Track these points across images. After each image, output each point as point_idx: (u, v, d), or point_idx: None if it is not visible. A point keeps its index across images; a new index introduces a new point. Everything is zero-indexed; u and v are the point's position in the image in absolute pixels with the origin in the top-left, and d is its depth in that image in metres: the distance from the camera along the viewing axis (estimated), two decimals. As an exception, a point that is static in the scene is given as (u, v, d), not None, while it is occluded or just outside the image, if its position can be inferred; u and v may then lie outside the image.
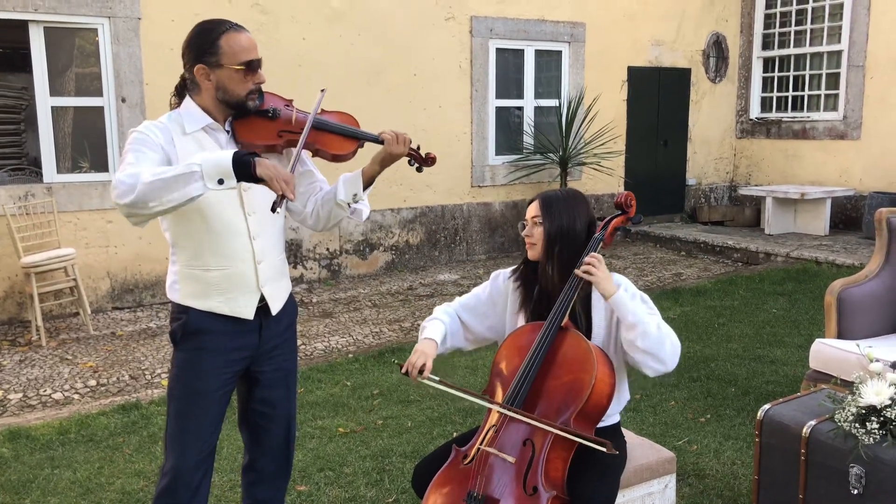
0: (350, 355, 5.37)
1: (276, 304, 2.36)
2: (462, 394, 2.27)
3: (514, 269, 2.54)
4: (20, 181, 7.28)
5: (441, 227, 8.75)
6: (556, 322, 2.26)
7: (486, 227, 9.05)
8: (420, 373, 2.30)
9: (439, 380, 2.29)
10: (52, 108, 6.67)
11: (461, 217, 8.87)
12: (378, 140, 2.31)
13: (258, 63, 2.21)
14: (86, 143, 7.05)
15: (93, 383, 5.05)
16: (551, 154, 9.06)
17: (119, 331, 6.30)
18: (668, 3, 10.07)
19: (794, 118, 10.31)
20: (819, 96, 10.07)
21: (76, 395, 4.86)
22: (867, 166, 9.42)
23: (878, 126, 9.30)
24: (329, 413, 4.28)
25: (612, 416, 2.43)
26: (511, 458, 2.12)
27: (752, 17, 10.71)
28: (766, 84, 10.77)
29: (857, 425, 2.41)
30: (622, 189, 9.90)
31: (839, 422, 2.46)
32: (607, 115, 9.59)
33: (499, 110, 9.05)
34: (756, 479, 2.78)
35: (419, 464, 2.39)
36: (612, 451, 2.03)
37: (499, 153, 9.11)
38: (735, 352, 5.21)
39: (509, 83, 9.12)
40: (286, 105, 2.32)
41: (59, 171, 6.75)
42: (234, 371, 2.33)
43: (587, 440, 2.07)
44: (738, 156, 11.05)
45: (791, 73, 10.42)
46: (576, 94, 9.30)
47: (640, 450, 2.60)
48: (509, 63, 9.08)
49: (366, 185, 2.34)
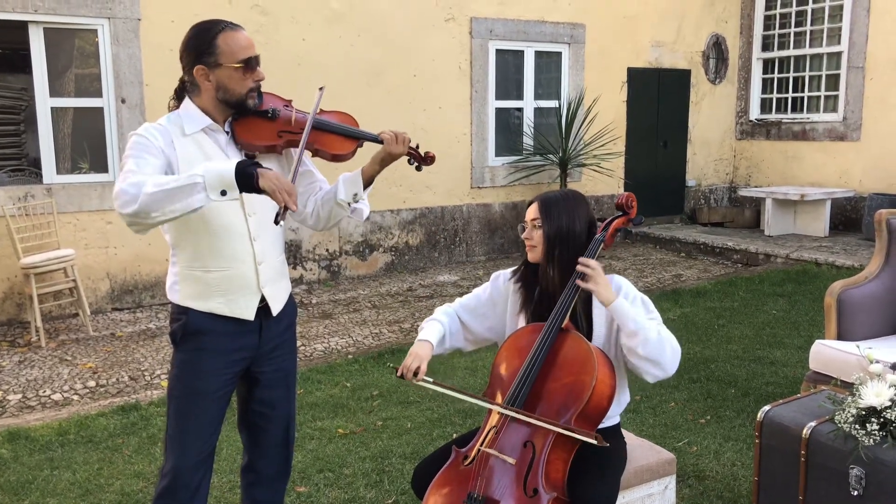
0: (350, 356, 5.36)
1: (276, 305, 2.36)
2: (457, 394, 2.27)
3: (514, 271, 2.54)
4: (20, 182, 7.28)
5: (441, 229, 8.75)
6: (556, 323, 2.25)
7: (485, 228, 9.05)
8: (415, 375, 2.30)
9: (433, 381, 2.29)
10: (52, 108, 6.67)
11: (461, 218, 8.87)
12: (377, 140, 2.30)
13: (256, 60, 2.21)
14: (85, 144, 7.05)
15: (92, 384, 5.04)
16: (551, 155, 9.06)
17: (118, 332, 6.29)
18: (667, 5, 10.07)
19: (793, 119, 10.31)
20: (819, 98, 10.07)
21: (75, 396, 4.86)
22: (867, 168, 9.41)
23: (877, 127, 9.30)
24: (328, 414, 4.28)
25: (612, 418, 2.43)
26: (511, 460, 2.12)
27: (751, 18, 10.72)
28: (766, 85, 10.77)
29: (857, 426, 2.41)
30: (622, 190, 9.90)
31: (839, 423, 2.46)
32: (607, 116, 9.59)
33: (498, 111, 9.05)
34: (756, 481, 2.78)
35: (419, 465, 2.38)
36: (603, 443, 2.05)
37: (498, 154, 9.11)
38: (735, 353, 5.21)
39: (509, 84, 9.11)
40: (285, 105, 2.32)
41: (58, 172, 6.75)
42: (235, 372, 2.34)
43: (587, 437, 2.08)
44: (738, 157, 11.05)
45: (791, 75, 10.43)
46: (576, 96, 9.30)
47: (640, 451, 2.59)
48: (509, 64, 9.08)
49: (366, 185, 2.34)
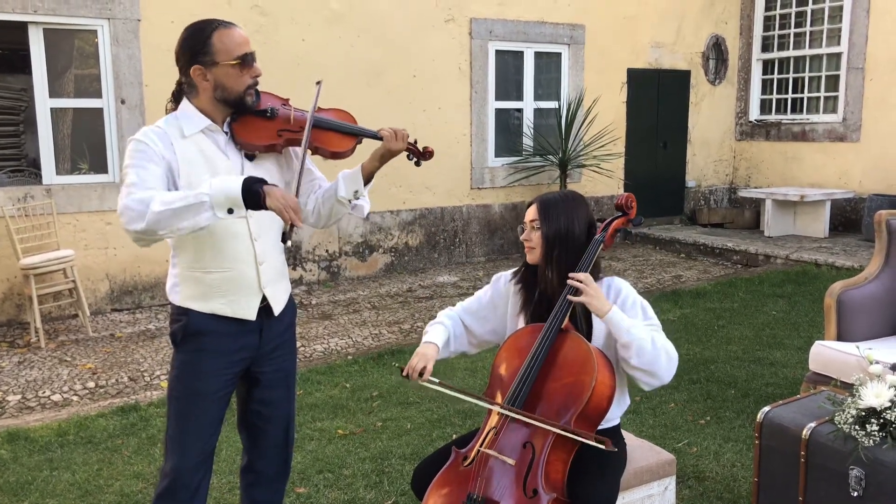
0: (349, 357, 5.36)
1: (277, 306, 2.36)
2: (462, 395, 2.27)
3: (514, 272, 2.54)
4: (19, 183, 7.28)
5: (440, 229, 8.75)
6: (556, 324, 2.25)
7: (485, 228, 9.04)
8: (420, 375, 2.30)
9: (439, 382, 2.29)
10: (52, 109, 6.67)
11: (460, 219, 8.86)
12: (376, 136, 2.31)
13: (252, 56, 2.21)
14: (85, 145, 7.05)
15: (92, 385, 5.04)
16: (551, 156, 9.06)
17: (118, 332, 6.29)
18: (667, 6, 10.07)
19: (793, 120, 10.32)
20: (818, 98, 10.07)
21: (75, 397, 4.85)
22: (867, 168, 9.41)
23: (877, 128, 9.30)
24: (328, 415, 4.28)
25: (612, 420, 2.42)
26: (511, 461, 2.11)
27: (751, 19, 10.72)
28: (766, 86, 10.78)
29: (856, 427, 2.41)
30: (622, 191, 9.90)
31: (839, 424, 2.46)
32: (607, 117, 9.59)
33: (498, 112, 9.05)
34: (756, 482, 2.78)
35: (418, 466, 2.38)
36: (612, 448, 2.04)
37: (498, 155, 9.11)
38: (735, 354, 5.20)
39: (509, 85, 9.12)
40: (283, 104, 2.32)
41: (58, 173, 6.75)
42: (235, 372, 2.33)
43: (588, 439, 2.07)
44: (738, 158, 11.05)
45: (790, 76, 10.43)
46: (575, 96, 9.30)
47: (640, 452, 2.59)
48: (509, 65, 9.08)
49: (366, 182, 2.34)
